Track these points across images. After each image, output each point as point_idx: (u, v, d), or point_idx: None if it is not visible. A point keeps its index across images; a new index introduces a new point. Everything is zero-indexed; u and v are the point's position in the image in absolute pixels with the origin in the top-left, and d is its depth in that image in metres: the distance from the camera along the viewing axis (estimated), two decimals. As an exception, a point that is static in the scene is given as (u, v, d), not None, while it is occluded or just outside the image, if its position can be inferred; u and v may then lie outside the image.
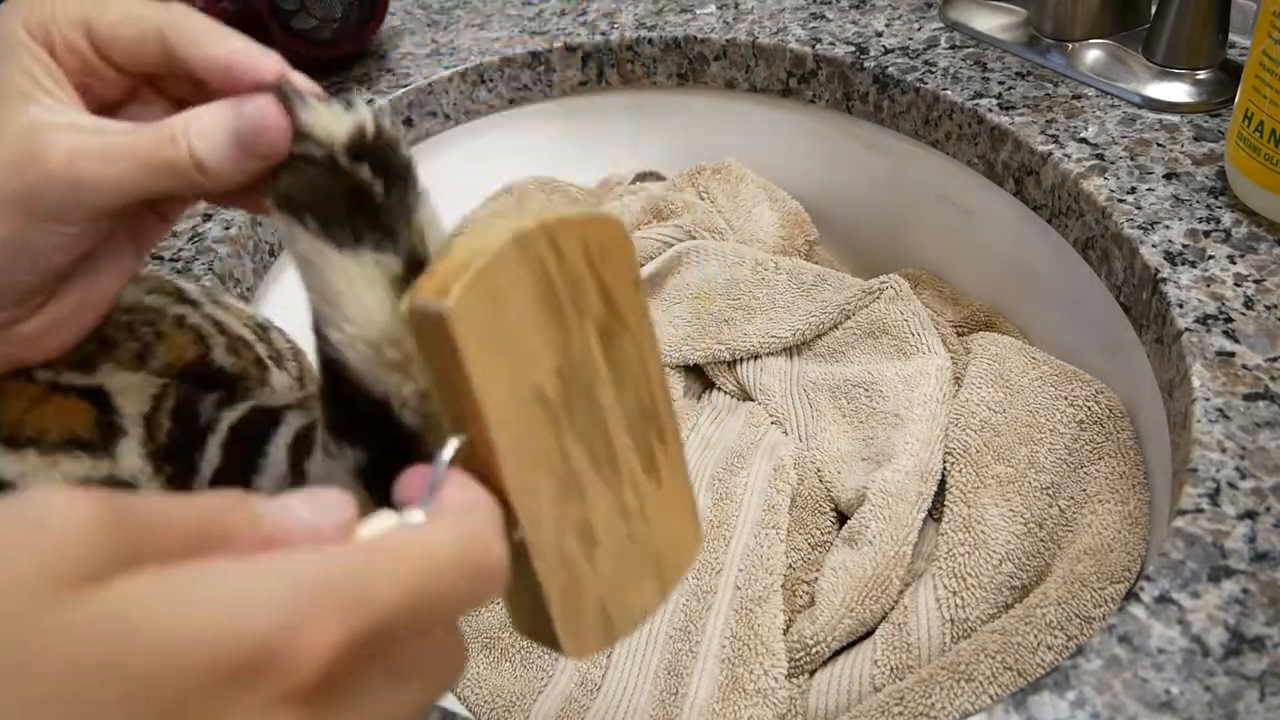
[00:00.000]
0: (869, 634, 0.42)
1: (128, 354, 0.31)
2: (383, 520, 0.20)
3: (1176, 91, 0.51)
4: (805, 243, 0.62)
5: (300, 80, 0.25)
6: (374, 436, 0.26)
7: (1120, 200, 0.46)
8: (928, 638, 0.40)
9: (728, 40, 0.64)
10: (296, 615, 0.16)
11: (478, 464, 0.22)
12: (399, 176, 0.25)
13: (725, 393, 0.57)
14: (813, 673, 0.41)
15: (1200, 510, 0.33)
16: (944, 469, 0.45)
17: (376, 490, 0.26)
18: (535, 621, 0.24)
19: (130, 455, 0.29)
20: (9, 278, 0.25)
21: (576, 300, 0.24)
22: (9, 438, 0.28)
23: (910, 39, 0.61)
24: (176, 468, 0.30)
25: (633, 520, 0.25)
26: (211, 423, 0.31)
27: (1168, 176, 0.47)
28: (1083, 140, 0.50)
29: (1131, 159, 0.48)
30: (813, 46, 0.61)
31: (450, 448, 0.22)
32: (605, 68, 0.67)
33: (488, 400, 0.21)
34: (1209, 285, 0.41)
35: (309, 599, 0.16)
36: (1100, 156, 0.49)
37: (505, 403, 0.22)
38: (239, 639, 0.16)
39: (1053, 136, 0.50)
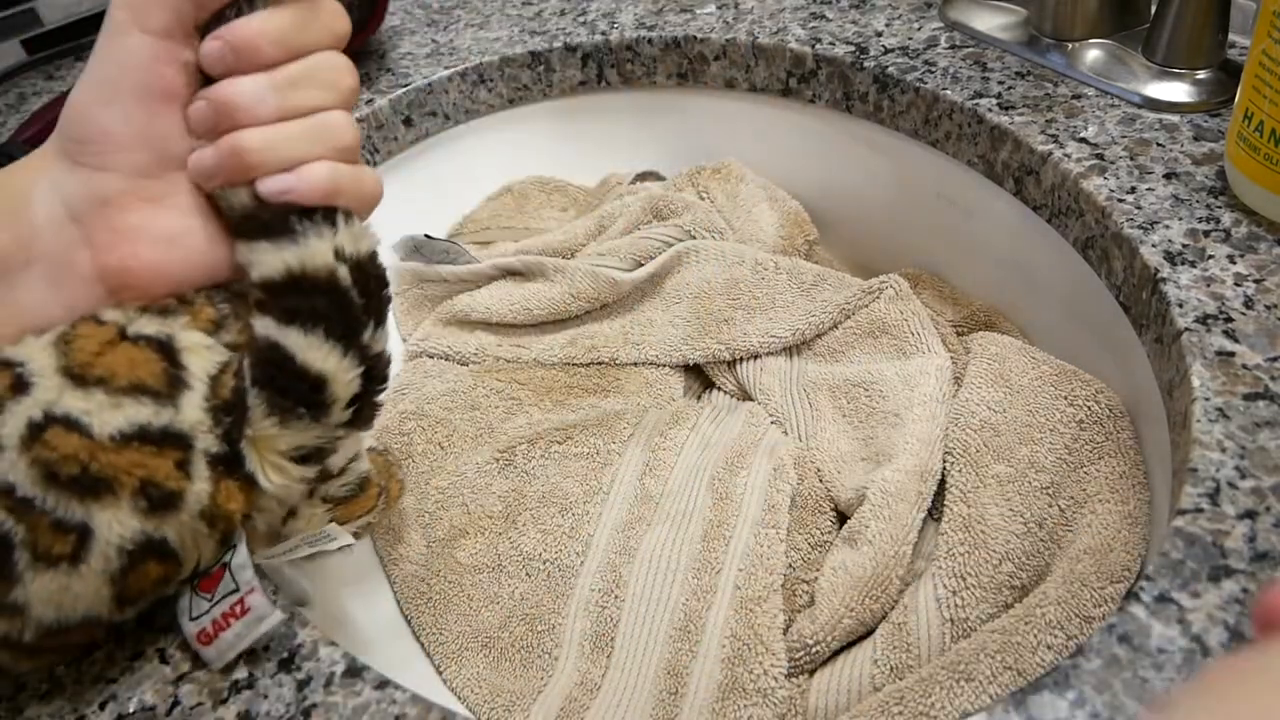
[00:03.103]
0: (869, 634, 0.42)
1: (204, 318, 0.32)
2: None
3: (1176, 91, 0.51)
4: (805, 243, 0.62)
5: None
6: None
7: (1120, 200, 0.46)
8: (928, 637, 0.40)
9: (727, 40, 0.64)
10: None
11: None
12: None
13: (725, 393, 0.57)
14: (812, 672, 0.41)
15: (1200, 510, 0.33)
16: (944, 469, 0.45)
17: None
18: None
19: (192, 408, 0.30)
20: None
21: None
22: (79, 376, 0.29)
23: (910, 39, 0.61)
24: (234, 418, 0.31)
25: None
26: None
27: (1168, 176, 0.47)
28: (1083, 140, 0.50)
29: (1131, 159, 0.48)
30: (813, 46, 0.61)
31: None
32: (605, 68, 0.67)
33: None
34: (1209, 285, 0.41)
35: None
36: (1100, 156, 0.49)
37: None
38: None
39: (1053, 136, 0.50)
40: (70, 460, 0.28)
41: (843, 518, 0.47)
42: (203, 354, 0.31)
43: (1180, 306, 0.40)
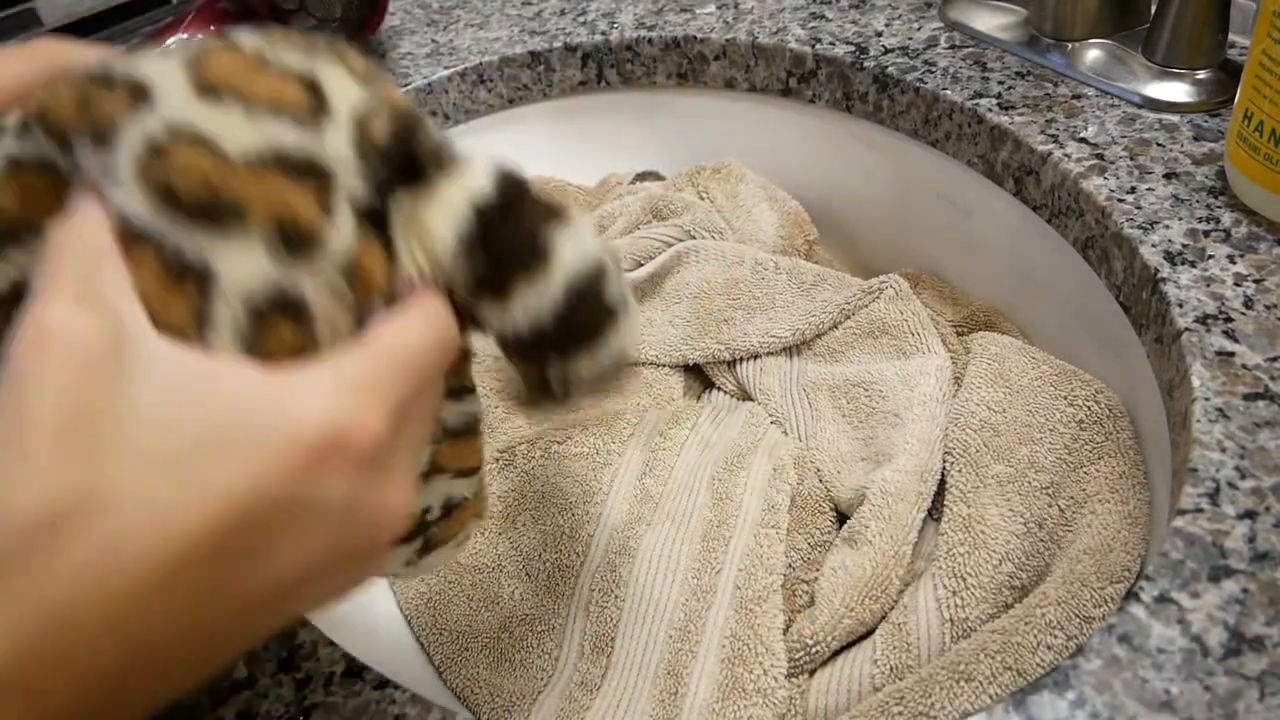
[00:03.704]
0: (869, 634, 0.42)
1: (356, 67, 0.28)
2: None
3: (1176, 91, 0.51)
4: (805, 242, 0.62)
5: None
6: None
7: (1120, 200, 0.46)
8: (927, 638, 0.40)
9: (727, 40, 0.64)
10: (356, 403, 0.24)
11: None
12: None
13: (725, 393, 0.57)
14: (812, 672, 0.41)
15: (1200, 510, 0.33)
16: (944, 469, 0.45)
17: None
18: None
19: (336, 140, 0.26)
20: None
21: None
22: (211, 88, 0.25)
23: (910, 39, 0.61)
24: (389, 169, 0.27)
25: None
26: None
27: (1167, 176, 0.47)
28: (1082, 140, 0.50)
29: (1131, 159, 0.48)
30: (812, 46, 0.61)
31: None
32: (605, 68, 0.67)
33: None
34: (1209, 285, 0.41)
35: (360, 393, 0.24)
36: (1100, 156, 0.49)
37: None
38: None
39: (1052, 136, 0.50)
40: (197, 182, 0.24)
41: (843, 518, 0.47)
42: (350, 90, 0.27)
43: (1180, 306, 0.40)
